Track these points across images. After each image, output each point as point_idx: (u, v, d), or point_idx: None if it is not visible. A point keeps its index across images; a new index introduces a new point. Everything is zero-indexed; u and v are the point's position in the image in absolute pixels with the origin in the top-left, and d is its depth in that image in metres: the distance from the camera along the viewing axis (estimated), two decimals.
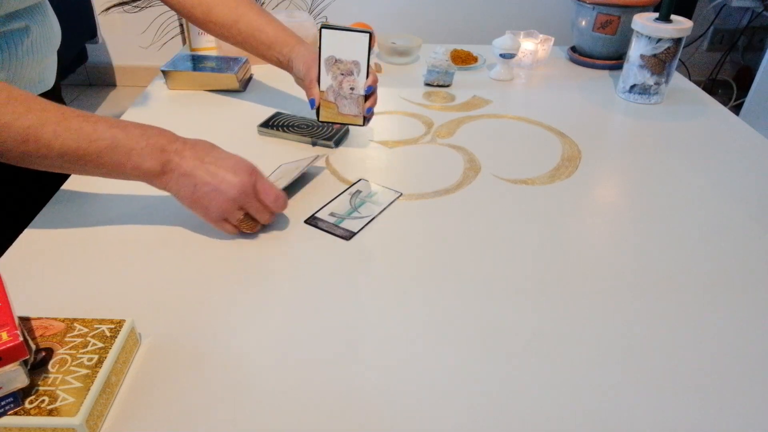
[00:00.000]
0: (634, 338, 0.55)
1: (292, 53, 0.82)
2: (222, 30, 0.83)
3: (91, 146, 0.57)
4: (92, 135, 0.57)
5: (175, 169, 0.60)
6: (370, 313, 0.57)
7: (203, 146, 0.62)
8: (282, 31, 0.83)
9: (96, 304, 0.57)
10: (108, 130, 0.57)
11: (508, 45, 1.11)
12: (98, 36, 2.55)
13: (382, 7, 2.60)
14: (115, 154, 0.58)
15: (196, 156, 0.61)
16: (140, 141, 0.59)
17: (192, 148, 0.61)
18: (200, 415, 0.47)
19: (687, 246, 0.68)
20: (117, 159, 0.58)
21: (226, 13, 0.81)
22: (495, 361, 0.52)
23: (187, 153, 0.61)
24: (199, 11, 0.82)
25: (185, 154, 0.61)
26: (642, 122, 1.00)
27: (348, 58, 0.79)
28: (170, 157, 0.60)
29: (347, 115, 0.83)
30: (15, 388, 0.43)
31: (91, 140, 0.57)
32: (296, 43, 0.82)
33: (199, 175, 0.60)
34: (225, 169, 0.61)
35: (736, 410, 0.48)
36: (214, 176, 0.61)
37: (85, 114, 0.58)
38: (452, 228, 0.70)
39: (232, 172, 0.61)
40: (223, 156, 0.63)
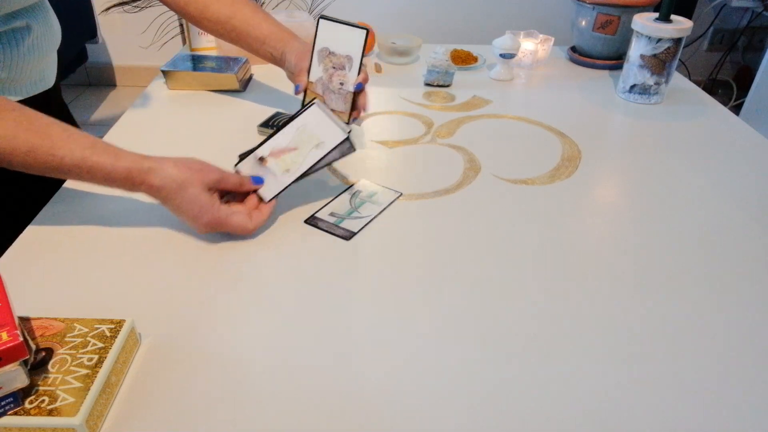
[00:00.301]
0: (634, 338, 0.55)
1: (285, 47, 0.81)
2: (216, 26, 0.83)
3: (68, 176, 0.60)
4: (61, 168, 0.59)
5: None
6: (371, 312, 0.57)
7: (165, 194, 0.62)
8: (276, 27, 0.83)
9: (96, 304, 0.57)
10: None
11: (508, 45, 1.11)
12: (98, 36, 2.55)
13: (382, 7, 2.61)
14: (86, 178, 0.60)
15: (161, 200, 0.63)
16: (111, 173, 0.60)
17: (157, 192, 0.62)
18: (200, 415, 0.47)
19: (687, 246, 0.68)
20: (89, 180, 0.61)
21: (221, 10, 0.81)
22: (495, 361, 0.52)
23: (153, 195, 0.63)
24: (194, 8, 0.82)
25: (151, 194, 0.63)
26: (642, 122, 1.00)
27: (342, 52, 0.76)
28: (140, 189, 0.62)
29: (333, 111, 0.79)
30: (15, 388, 0.43)
31: (58, 171, 0.59)
32: (290, 38, 0.82)
33: (169, 207, 0.64)
34: (186, 217, 0.63)
35: (737, 409, 0.48)
36: (179, 216, 0.64)
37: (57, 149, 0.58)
38: (452, 228, 0.70)
39: (191, 220, 0.64)
40: (182, 207, 0.63)
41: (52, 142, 0.57)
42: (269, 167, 0.70)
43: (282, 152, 0.70)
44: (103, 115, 2.63)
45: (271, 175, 0.69)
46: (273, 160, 0.70)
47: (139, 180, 0.60)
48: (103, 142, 0.60)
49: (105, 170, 0.59)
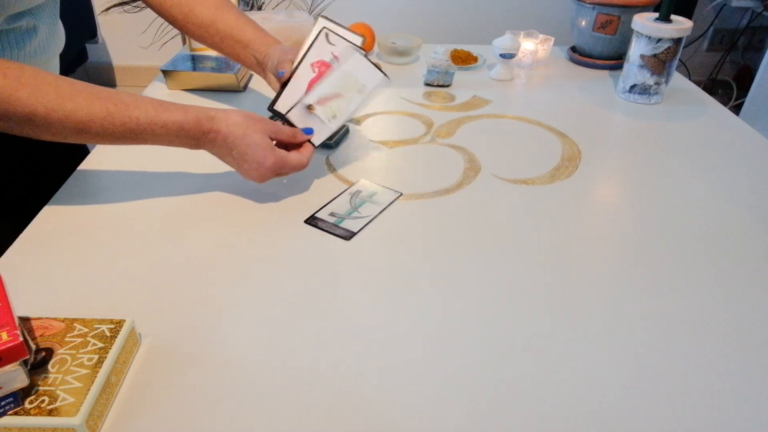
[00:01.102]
0: (634, 338, 0.55)
1: (269, 49, 0.81)
2: (200, 30, 0.83)
3: (136, 138, 0.64)
4: (136, 129, 0.63)
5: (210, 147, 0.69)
6: (371, 312, 0.57)
7: (231, 141, 0.67)
8: (261, 32, 0.82)
9: (96, 304, 0.57)
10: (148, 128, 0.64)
11: (508, 45, 1.11)
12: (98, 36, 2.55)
13: (382, 7, 2.61)
14: (161, 134, 0.65)
15: (225, 148, 0.68)
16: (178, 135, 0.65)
17: (224, 140, 0.67)
18: (200, 415, 0.47)
19: (687, 245, 0.68)
20: (163, 136, 0.65)
21: (206, 14, 0.81)
22: (496, 360, 0.52)
23: (218, 143, 0.68)
24: (178, 11, 0.82)
25: (216, 143, 0.68)
26: (642, 122, 1.00)
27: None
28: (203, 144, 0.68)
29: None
30: (15, 388, 0.43)
31: (135, 132, 0.63)
32: (273, 43, 0.82)
33: (230, 158, 0.69)
34: (251, 162, 0.68)
35: (739, 407, 0.48)
36: (241, 165, 0.69)
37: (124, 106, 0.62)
38: (452, 228, 0.70)
39: (256, 165, 0.68)
40: (248, 152, 0.68)
41: (126, 105, 0.62)
42: (317, 114, 0.74)
43: (328, 99, 0.74)
44: None
45: (318, 121, 0.74)
46: (320, 108, 0.74)
47: (207, 128, 0.66)
48: (166, 101, 0.65)
49: (177, 123, 0.64)
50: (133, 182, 0.77)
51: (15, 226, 0.69)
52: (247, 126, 0.67)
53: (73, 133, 0.61)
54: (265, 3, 2.55)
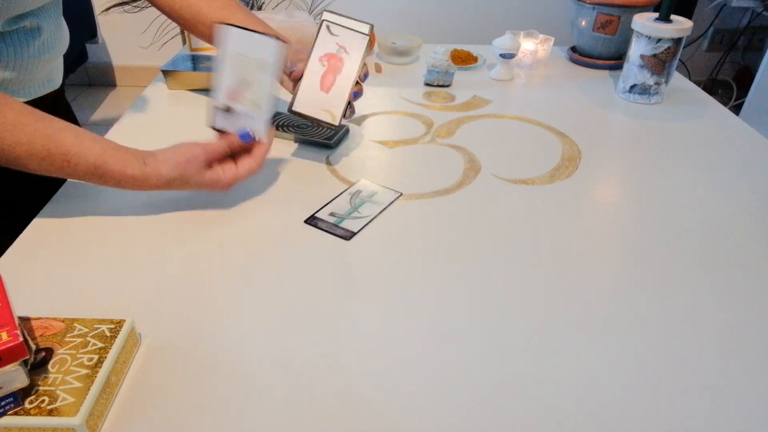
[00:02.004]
0: (635, 338, 0.55)
1: None
2: (209, 31, 0.83)
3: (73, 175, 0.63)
4: (74, 174, 0.62)
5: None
6: (371, 312, 0.57)
7: (178, 187, 0.67)
8: (268, 30, 0.82)
9: (96, 304, 0.57)
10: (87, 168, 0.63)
11: (508, 45, 1.11)
12: (98, 36, 2.55)
13: (382, 7, 2.61)
14: (98, 182, 0.64)
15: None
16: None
17: (168, 188, 0.67)
18: (200, 414, 0.47)
19: (687, 245, 0.68)
20: (101, 184, 0.65)
21: (213, 14, 0.81)
22: (495, 360, 0.52)
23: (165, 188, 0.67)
24: (187, 12, 0.82)
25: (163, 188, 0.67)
26: (642, 122, 1.00)
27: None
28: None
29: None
30: (15, 388, 0.43)
31: (72, 176, 0.63)
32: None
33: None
34: (204, 189, 0.69)
35: (738, 407, 0.48)
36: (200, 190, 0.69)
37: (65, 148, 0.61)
38: (452, 228, 0.70)
39: (211, 191, 0.69)
40: (199, 187, 0.68)
41: (66, 149, 0.60)
42: (239, 111, 0.70)
43: (237, 93, 0.70)
44: (103, 115, 2.63)
45: (247, 117, 0.70)
46: (238, 104, 0.70)
47: (146, 184, 0.65)
48: (112, 145, 0.64)
49: (115, 178, 0.63)
50: None
51: (15, 225, 0.69)
52: (182, 176, 0.66)
53: (9, 164, 0.60)
54: (265, 3, 2.55)
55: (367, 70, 0.79)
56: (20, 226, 0.68)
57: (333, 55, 0.76)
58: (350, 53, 0.75)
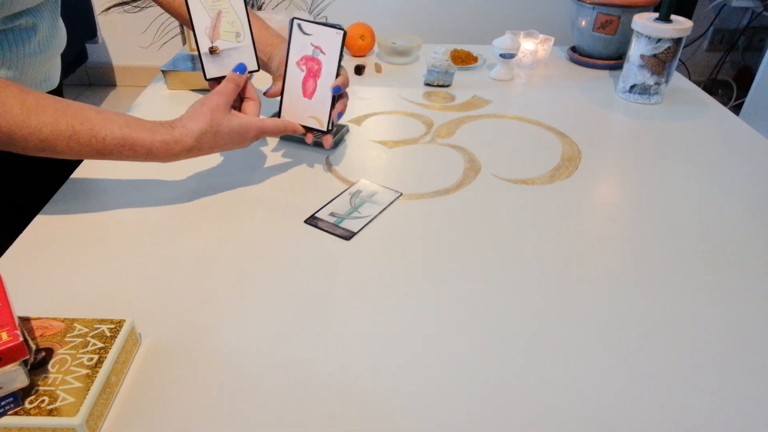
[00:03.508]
0: (635, 337, 0.55)
1: (273, 51, 0.80)
2: None
3: (102, 155, 0.62)
4: (103, 149, 0.61)
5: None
6: (371, 312, 0.57)
7: (208, 147, 0.67)
8: (266, 31, 0.82)
9: (96, 304, 0.57)
10: (118, 141, 0.62)
11: (508, 45, 1.11)
12: (98, 36, 2.55)
13: (382, 7, 2.61)
14: (128, 155, 0.63)
15: (206, 151, 0.68)
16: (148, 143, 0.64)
17: (198, 150, 0.67)
18: (200, 415, 0.47)
19: (687, 245, 0.68)
20: (131, 157, 0.64)
21: None
22: (496, 360, 0.52)
23: (197, 153, 0.67)
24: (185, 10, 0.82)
25: (194, 154, 0.67)
26: (642, 122, 1.00)
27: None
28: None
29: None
30: (15, 388, 0.43)
31: (101, 152, 0.62)
32: (279, 42, 0.81)
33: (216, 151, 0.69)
34: (234, 146, 0.70)
35: (738, 407, 0.48)
36: (228, 149, 0.70)
37: (93, 122, 0.61)
38: (452, 228, 0.70)
39: (240, 146, 0.70)
40: (228, 143, 0.69)
41: (92, 124, 0.60)
42: (225, 48, 0.71)
43: (215, 28, 0.71)
44: None
45: (234, 52, 0.72)
46: (220, 41, 0.71)
47: (177, 150, 0.64)
48: (135, 118, 0.64)
49: (145, 145, 0.62)
50: (134, 182, 0.77)
51: (15, 225, 0.69)
52: (212, 125, 0.66)
53: (37, 150, 0.59)
54: (265, 3, 2.55)
55: (346, 79, 0.77)
56: (20, 226, 0.68)
57: (309, 57, 0.75)
58: (327, 53, 0.74)
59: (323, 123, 0.77)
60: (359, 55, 1.26)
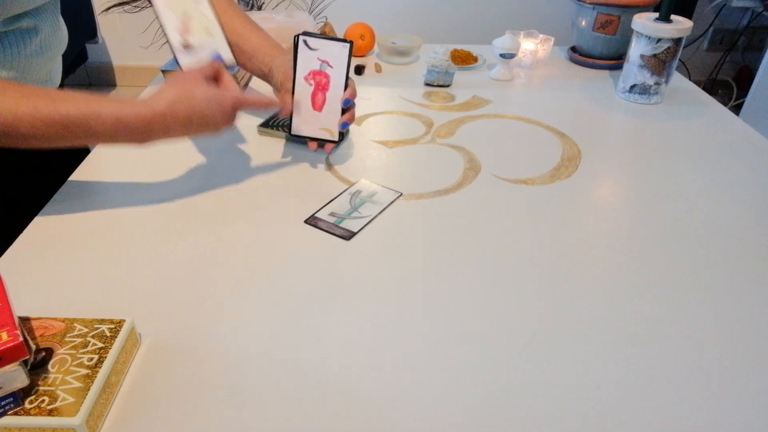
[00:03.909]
0: (634, 337, 0.55)
1: (273, 63, 0.80)
2: None
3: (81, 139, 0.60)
4: (68, 124, 0.58)
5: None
6: (371, 312, 0.57)
7: (184, 115, 0.64)
8: (265, 41, 0.81)
9: (96, 304, 0.57)
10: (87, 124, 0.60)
11: (508, 45, 1.11)
12: (98, 36, 2.55)
13: (382, 7, 2.60)
14: (95, 139, 0.61)
15: (182, 125, 0.64)
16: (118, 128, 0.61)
17: (173, 117, 0.63)
18: (200, 414, 0.47)
19: (687, 245, 0.68)
20: (98, 141, 0.62)
21: None
22: (495, 360, 0.52)
23: (172, 125, 0.64)
24: None
25: (170, 126, 0.64)
26: (642, 122, 1.00)
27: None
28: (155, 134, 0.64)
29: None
30: (15, 388, 0.43)
31: (68, 128, 0.59)
32: (278, 54, 0.80)
33: (193, 128, 0.65)
34: (212, 115, 0.65)
35: (737, 407, 0.48)
36: (206, 126, 0.66)
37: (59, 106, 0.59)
38: (452, 228, 0.70)
39: (219, 115, 0.66)
40: (205, 111, 0.65)
41: (53, 100, 0.58)
42: (196, 43, 0.72)
43: (185, 25, 0.72)
44: None
45: (207, 44, 0.72)
46: (191, 37, 0.71)
47: (149, 116, 0.61)
48: (104, 95, 0.62)
49: (113, 115, 0.59)
50: (134, 182, 0.77)
51: (15, 225, 0.69)
52: (185, 91, 0.63)
53: (3, 137, 0.57)
54: (265, 3, 2.55)
55: (354, 90, 0.78)
56: (20, 226, 0.68)
57: (317, 71, 0.75)
58: (334, 66, 0.75)
59: (334, 134, 0.79)
60: (359, 55, 1.26)
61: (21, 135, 0.57)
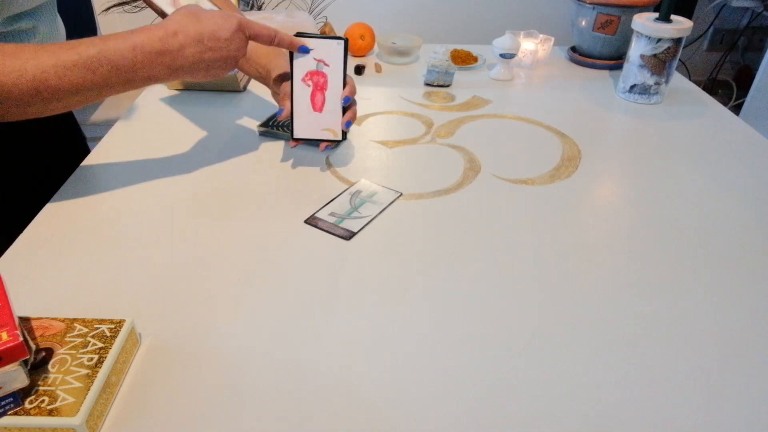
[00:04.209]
0: (634, 337, 0.55)
1: (270, 65, 0.80)
2: None
3: (96, 79, 0.60)
4: (90, 65, 0.59)
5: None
6: (371, 312, 0.57)
7: (194, 31, 0.63)
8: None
9: (96, 304, 0.57)
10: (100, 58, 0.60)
11: (508, 45, 1.11)
12: None
13: (382, 7, 2.60)
14: (119, 76, 0.61)
15: (195, 43, 0.63)
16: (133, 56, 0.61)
17: (188, 38, 0.63)
18: (200, 414, 0.47)
19: (687, 245, 0.68)
20: (124, 79, 0.62)
21: None
22: (495, 360, 0.52)
23: (185, 43, 0.63)
24: None
25: (184, 45, 0.63)
26: (642, 122, 1.00)
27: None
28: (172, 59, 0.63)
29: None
30: (15, 388, 0.43)
31: (90, 68, 0.59)
32: (275, 55, 0.80)
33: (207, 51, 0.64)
34: (220, 32, 0.64)
35: (737, 407, 0.48)
36: (219, 48, 0.64)
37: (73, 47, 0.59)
38: (452, 228, 0.70)
39: (227, 32, 0.64)
40: (214, 27, 0.64)
41: (70, 45, 0.58)
42: None
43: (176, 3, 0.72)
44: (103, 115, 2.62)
45: None
46: None
47: (161, 33, 0.61)
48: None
49: (130, 42, 0.60)
50: (134, 182, 0.77)
51: (15, 225, 0.69)
52: (190, 13, 0.63)
53: (33, 95, 0.57)
54: (265, 3, 2.55)
55: (353, 87, 0.78)
56: (20, 226, 0.68)
57: (314, 72, 0.75)
58: (330, 65, 0.75)
59: (337, 133, 0.79)
60: (359, 55, 1.26)
61: (51, 88, 0.58)
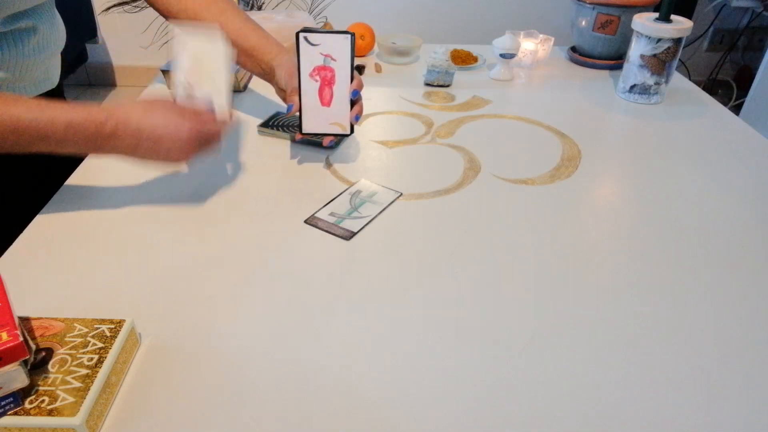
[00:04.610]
0: (634, 337, 0.55)
1: (273, 61, 0.79)
2: None
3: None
4: (18, 129, 0.57)
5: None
6: (370, 312, 0.57)
7: (136, 124, 0.61)
8: (264, 39, 0.81)
9: (96, 304, 0.57)
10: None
11: (508, 45, 1.11)
12: (98, 36, 2.55)
13: (382, 7, 2.60)
14: (48, 146, 0.59)
15: (133, 137, 0.61)
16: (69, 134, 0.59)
17: (126, 131, 0.61)
18: (200, 414, 0.47)
19: (687, 245, 0.68)
20: (53, 149, 0.59)
21: (210, 19, 0.80)
22: (495, 360, 0.52)
23: (122, 135, 0.61)
24: (184, 16, 0.81)
25: (119, 136, 0.61)
26: (642, 122, 1.00)
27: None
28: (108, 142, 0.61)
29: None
30: (15, 388, 0.43)
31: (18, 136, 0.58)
32: (278, 52, 0.80)
33: (143, 147, 0.62)
34: (165, 141, 0.62)
35: (737, 407, 0.48)
36: (158, 149, 0.62)
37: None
38: (452, 228, 0.70)
39: (175, 140, 0.63)
40: (158, 130, 0.62)
41: (6, 103, 0.57)
42: (196, 87, 0.70)
43: (194, 69, 0.70)
44: None
45: (205, 91, 0.70)
46: (194, 81, 0.70)
47: (102, 119, 0.59)
48: (59, 101, 0.60)
49: (65, 118, 0.57)
50: (134, 182, 0.77)
51: (15, 225, 0.69)
52: (147, 109, 0.61)
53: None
54: (265, 3, 2.55)
55: (360, 81, 0.78)
56: (20, 226, 0.68)
57: (322, 67, 0.75)
58: (338, 59, 0.75)
59: (345, 127, 0.79)
60: (359, 55, 1.26)
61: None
